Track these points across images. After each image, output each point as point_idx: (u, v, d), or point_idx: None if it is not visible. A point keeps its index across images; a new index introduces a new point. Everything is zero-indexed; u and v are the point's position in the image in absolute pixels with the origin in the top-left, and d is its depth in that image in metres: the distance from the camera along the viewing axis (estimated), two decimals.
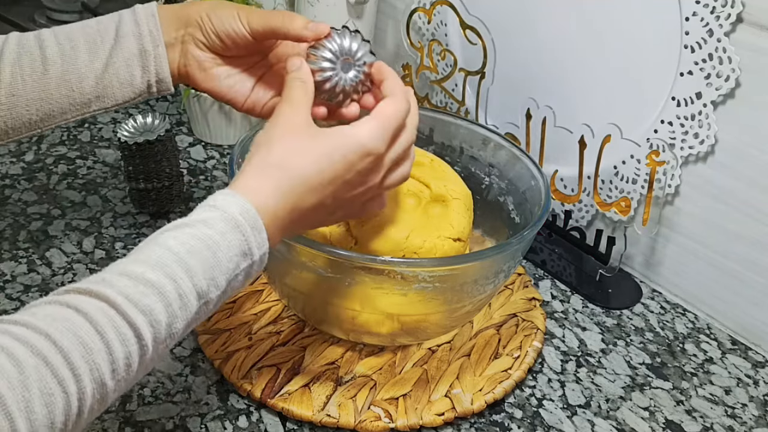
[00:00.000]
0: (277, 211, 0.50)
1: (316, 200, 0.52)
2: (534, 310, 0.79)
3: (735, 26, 0.71)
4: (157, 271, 0.44)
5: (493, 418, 0.68)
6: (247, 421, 0.65)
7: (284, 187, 0.50)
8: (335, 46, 0.57)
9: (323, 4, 1.02)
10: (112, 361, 0.41)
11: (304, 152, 0.51)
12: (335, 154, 0.51)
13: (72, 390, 0.40)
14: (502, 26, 0.89)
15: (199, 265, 0.46)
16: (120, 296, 0.42)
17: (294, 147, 0.51)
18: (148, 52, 0.60)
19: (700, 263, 0.82)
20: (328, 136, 0.52)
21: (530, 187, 0.74)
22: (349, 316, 0.67)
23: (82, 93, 0.60)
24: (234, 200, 0.48)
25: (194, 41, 0.61)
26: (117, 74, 0.60)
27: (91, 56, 0.60)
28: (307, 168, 0.51)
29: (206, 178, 0.97)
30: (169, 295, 0.44)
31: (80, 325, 0.41)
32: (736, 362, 0.78)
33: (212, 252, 0.46)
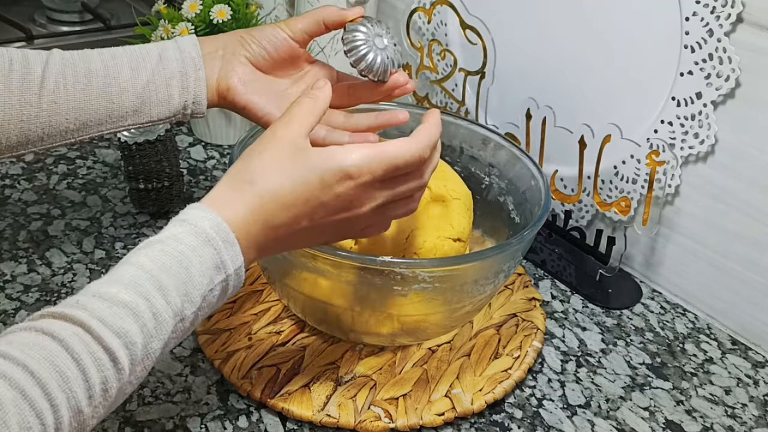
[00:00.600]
0: (249, 227, 0.49)
1: (288, 218, 0.50)
2: (534, 310, 0.79)
3: (735, 26, 0.71)
4: (130, 290, 0.44)
5: (493, 418, 0.68)
6: (247, 421, 0.65)
7: (254, 203, 0.50)
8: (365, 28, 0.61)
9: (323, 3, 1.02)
10: (88, 388, 0.41)
11: (280, 168, 0.50)
12: (311, 174, 0.50)
13: (49, 422, 0.39)
14: (502, 26, 0.89)
15: (171, 282, 0.45)
16: (94, 320, 0.42)
17: (271, 162, 0.50)
18: (188, 74, 0.63)
19: (700, 263, 0.82)
20: (309, 155, 0.51)
21: (530, 187, 0.74)
22: (349, 316, 0.67)
23: (120, 106, 0.62)
24: (205, 214, 0.48)
25: (237, 56, 0.64)
26: (157, 91, 0.63)
27: (134, 73, 0.62)
28: (278, 184, 0.50)
29: (206, 178, 0.97)
30: (143, 315, 0.44)
31: (56, 352, 0.41)
32: (736, 362, 0.78)
33: (184, 267, 0.46)
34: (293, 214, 0.51)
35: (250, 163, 0.51)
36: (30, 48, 0.65)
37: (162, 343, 0.45)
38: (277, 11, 1.14)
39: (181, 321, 0.46)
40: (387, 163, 0.52)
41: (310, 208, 0.51)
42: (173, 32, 0.95)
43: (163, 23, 0.96)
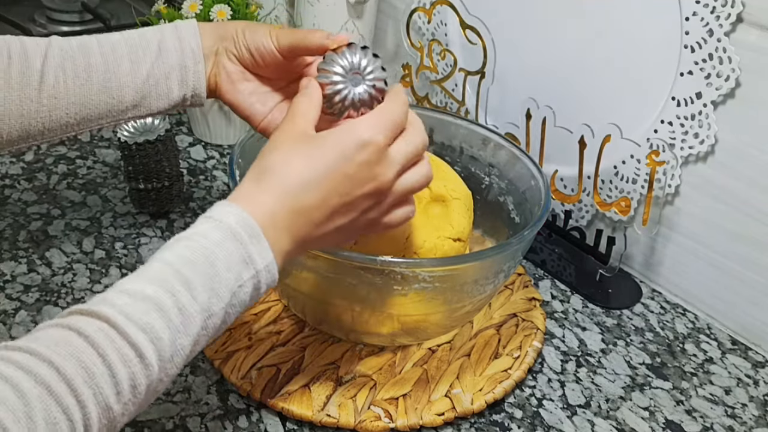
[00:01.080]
0: (275, 216, 0.49)
1: (316, 199, 0.50)
2: (534, 310, 0.79)
3: (735, 26, 0.71)
4: (154, 285, 0.44)
5: (493, 418, 0.68)
6: (247, 421, 0.65)
7: (278, 190, 0.50)
8: (346, 62, 0.57)
9: (323, 3, 1.02)
10: (115, 384, 0.41)
11: (297, 155, 0.51)
12: (329, 152, 0.51)
13: (77, 417, 0.39)
14: (502, 26, 0.89)
15: (197, 277, 0.45)
16: (120, 315, 0.42)
17: (287, 152, 0.51)
18: (188, 68, 0.62)
19: (700, 263, 0.82)
20: (322, 137, 0.52)
21: (530, 187, 0.74)
22: (349, 316, 0.67)
23: (121, 101, 0.62)
24: (230, 209, 0.48)
25: (227, 53, 0.63)
26: (156, 86, 0.62)
27: (134, 66, 0.62)
28: (300, 169, 0.50)
29: (206, 178, 0.97)
30: (168, 310, 0.44)
31: (82, 348, 0.41)
32: (736, 362, 0.78)
33: (210, 263, 0.46)
34: (321, 194, 0.50)
35: (267, 159, 0.51)
36: None
37: (191, 340, 0.45)
38: (277, 11, 1.14)
39: (210, 317, 0.46)
40: (390, 120, 0.53)
41: (337, 183, 0.51)
42: None
43: (162, 23, 0.96)
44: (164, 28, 0.63)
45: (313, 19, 1.04)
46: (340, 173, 0.51)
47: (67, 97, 0.61)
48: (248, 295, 0.48)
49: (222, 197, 0.93)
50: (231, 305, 0.47)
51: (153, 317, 0.43)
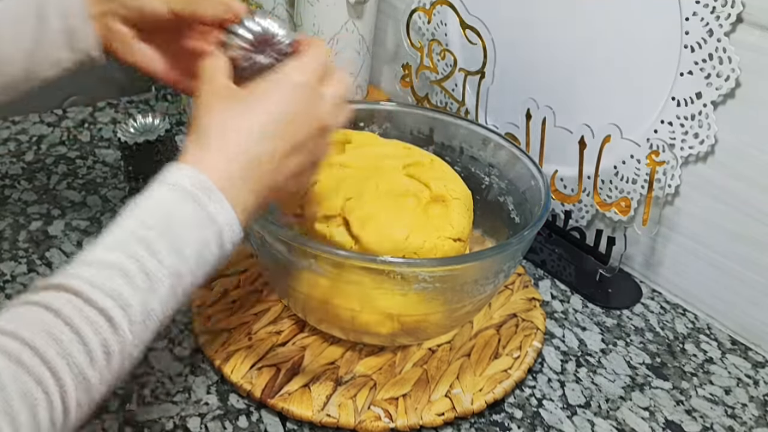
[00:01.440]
0: (230, 174, 0.49)
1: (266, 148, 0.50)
2: (534, 310, 0.79)
3: (735, 26, 0.71)
4: (116, 252, 0.44)
5: (493, 418, 0.68)
6: (247, 421, 0.65)
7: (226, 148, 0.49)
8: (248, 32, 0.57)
9: (323, 3, 1.02)
10: (88, 351, 0.41)
11: (235, 110, 0.51)
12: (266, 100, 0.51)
13: (52, 389, 0.39)
14: (502, 26, 0.89)
15: (158, 239, 0.45)
16: (85, 284, 0.42)
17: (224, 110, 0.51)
18: (75, 31, 0.61)
19: (700, 263, 0.82)
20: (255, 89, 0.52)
21: (530, 187, 0.74)
22: (349, 316, 0.67)
23: (11, 76, 0.61)
24: (183, 172, 0.48)
25: (116, 16, 0.62)
26: (45, 55, 0.61)
27: (17, 38, 0.60)
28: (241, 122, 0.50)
29: None
30: (134, 275, 0.44)
31: (50, 321, 0.41)
32: (736, 362, 0.78)
33: (169, 225, 0.46)
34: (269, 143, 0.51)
35: (204, 122, 0.51)
36: None
37: (160, 302, 0.45)
38: (277, 11, 1.14)
39: (178, 279, 0.46)
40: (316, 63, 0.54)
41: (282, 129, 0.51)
42: None
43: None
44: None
45: (313, 19, 1.04)
46: (282, 119, 0.51)
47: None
48: (214, 255, 0.48)
49: None
50: (197, 265, 0.47)
51: (118, 283, 0.43)
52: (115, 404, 0.65)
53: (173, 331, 0.73)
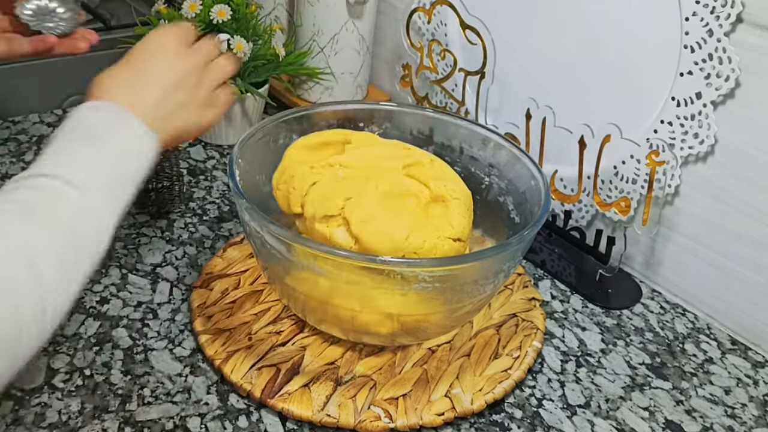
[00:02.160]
0: (116, 86, 0.57)
1: (148, 70, 0.59)
2: (534, 310, 0.79)
3: (735, 26, 0.71)
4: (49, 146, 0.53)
5: (493, 418, 0.68)
6: (247, 421, 0.65)
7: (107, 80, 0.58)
8: (33, 5, 0.70)
9: (323, 3, 1.02)
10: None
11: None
12: (139, 47, 0.61)
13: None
14: (502, 26, 0.89)
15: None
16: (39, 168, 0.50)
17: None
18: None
19: (700, 263, 0.82)
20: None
21: (530, 187, 0.74)
22: (349, 316, 0.67)
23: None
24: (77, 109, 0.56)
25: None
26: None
27: None
28: (120, 67, 0.59)
29: (206, 178, 0.97)
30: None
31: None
32: (735, 362, 0.78)
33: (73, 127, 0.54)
34: (150, 68, 0.60)
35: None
36: None
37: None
38: (277, 11, 1.14)
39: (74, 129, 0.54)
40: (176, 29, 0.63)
41: (157, 64, 0.60)
42: None
43: (162, 23, 0.96)
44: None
45: (313, 19, 1.04)
46: (157, 58, 0.60)
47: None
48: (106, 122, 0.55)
49: (222, 197, 0.93)
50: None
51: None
52: (115, 404, 0.65)
53: (173, 331, 0.73)
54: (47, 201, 0.48)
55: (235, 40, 0.95)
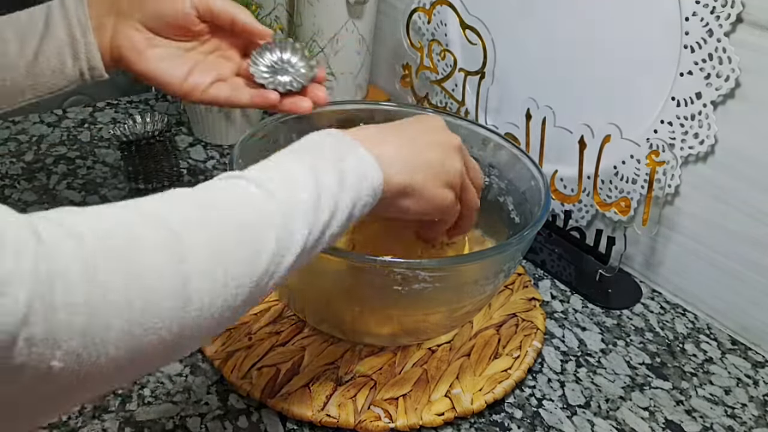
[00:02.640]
0: (368, 134, 0.53)
1: (405, 132, 0.55)
2: (534, 310, 0.79)
3: (735, 26, 0.71)
4: (267, 162, 0.49)
5: (493, 418, 0.68)
6: (247, 421, 0.65)
7: (366, 130, 0.54)
8: (274, 56, 0.65)
9: (323, 3, 1.02)
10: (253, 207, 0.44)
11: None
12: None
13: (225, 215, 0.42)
14: (502, 26, 0.89)
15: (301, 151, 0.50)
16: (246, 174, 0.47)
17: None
18: (77, 41, 0.61)
19: (700, 263, 0.82)
20: None
21: (530, 187, 0.74)
22: (349, 317, 0.67)
23: (13, 83, 0.60)
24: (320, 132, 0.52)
25: (129, 20, 0.62)
26: (48, 63, 0.61)
27: (21, 45, 0.60)
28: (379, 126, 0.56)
29: (206, 178, 0.97)
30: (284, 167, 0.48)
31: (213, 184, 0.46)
32: (736, 362, 0.78)
33: (312, 148, 0.50)
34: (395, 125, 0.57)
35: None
36: None
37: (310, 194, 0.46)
38: (277, 11, 1.14)
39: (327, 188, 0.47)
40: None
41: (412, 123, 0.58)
42: None
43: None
44: (51, 3, 0.61)
45: (313, 19, 1.04)
46: (416, 125, 0.57)
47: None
48: (357, 180, 0.49)
49: None
50: (343, 186, 0.48)
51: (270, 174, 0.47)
52: (115, 404, 0.65)
53: None
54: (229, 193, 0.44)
55: None
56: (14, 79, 0.60)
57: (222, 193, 0.43)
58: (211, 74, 0.64)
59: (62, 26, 0.60)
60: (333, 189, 0.47)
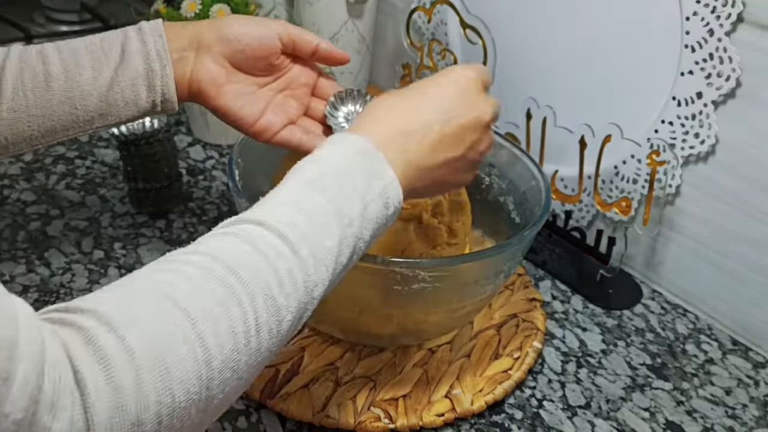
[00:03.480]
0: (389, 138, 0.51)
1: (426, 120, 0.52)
2: (534, 310, 0.79)
3: (735, 26, 0.71)
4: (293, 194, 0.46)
5: (493, 419, 0.68)
6: (247, 422, 0.65)
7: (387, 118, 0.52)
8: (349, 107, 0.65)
9: (323, 3, 1.02)
10: (275, 273, 0.42)
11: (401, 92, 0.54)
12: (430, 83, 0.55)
13: (245, 299, 0.40)
14: (502, 26, 0.89)
15: (330, 185, 0.46)
16: (267, 218, 0.44)
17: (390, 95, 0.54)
18: (155, 72, 0.59)
19: (700, 263, 0.82)
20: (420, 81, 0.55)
21: (530, 187, 0.74)
22: (349, 317, 0.67)
23: (85, 110, 0.59)
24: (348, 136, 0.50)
25: (210, 53, 0.61)
26: (122, 93, 0.59)
27: (96, 73, 0.59)
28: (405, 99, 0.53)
29: (205, 178, 0.97)
30: (308, 210, 0.45)
31: (238, 243, 0.42)
32: (736, 363, 0.77)
33: (340, 174, 0.47)
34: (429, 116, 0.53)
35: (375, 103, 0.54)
36: None
37: (336, 242, 0.45)
38: (277, 11, 1.14)
39: (349, 225, 0.46)
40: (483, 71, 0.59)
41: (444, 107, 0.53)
42: None
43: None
44: (128, 30, 0.60)
45: (313, 19, 1.04)
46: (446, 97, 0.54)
47: (28, 110, 0.58)
48: (379, 212, 0.49)
49: (221, 197, 0.93)
50: (365, 218, 0.47)
51: (297, 218, 0.44)
52: None
53: None
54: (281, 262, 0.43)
55: None
56: (86, 108, 0.59)
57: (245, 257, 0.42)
58: (283, 116, 0.64)
59: (140, 57, 0.59)
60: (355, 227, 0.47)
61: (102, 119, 0.60)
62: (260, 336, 0.41)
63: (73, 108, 0.59)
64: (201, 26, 0.62)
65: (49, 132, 0.59)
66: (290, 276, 0.43)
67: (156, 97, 0.60)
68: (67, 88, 0.58)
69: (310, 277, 0.44)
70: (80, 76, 0.58)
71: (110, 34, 0.60)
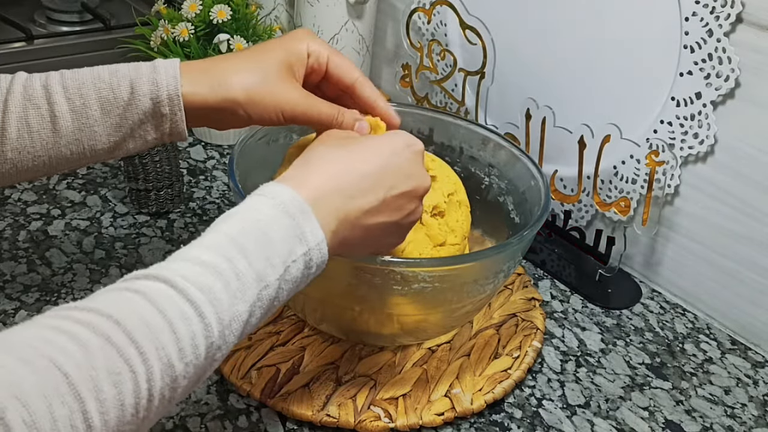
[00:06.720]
0: (324, 197, 0.50)
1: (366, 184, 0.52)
2: (534, 310, 0.79)
3: (735, 26, 0.71)
4: (211, 252, 0.44)
5: (493, 418, 0.68)
6: (247, 421, 0.65)
7: (326, 173, 0.51)
8: None
9: (323, 3, 1.02)
10: (176, 340, 0.41)
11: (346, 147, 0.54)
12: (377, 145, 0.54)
13: (139, 369, 0.39)
14: (502, 26, 0.89)
15: (252, 246, 0.45)
16: (178, 277, 0.42)
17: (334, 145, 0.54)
18: (165, 117, 0.58)
19: (699, 263, 0.82)
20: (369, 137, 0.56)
21: (530, 187, 0.74)
22: (349, 316, 0.67)
23: (93, 149, 0.59)
24: (280, 188, 0.49)
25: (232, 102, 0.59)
26: (131, 134, 0.59)
27: (104, 115, 0.57)
28: (348, 155, 0.53)
29: (206, 178, 0.97)
30: (225, 273, 0.44)
31: (142, 305, 0.41)
32: (735, 362, 0.78)
33: (263, 233, 0.46)
34: (370, 181, 0.52)
35: (314, 150, 0.54)
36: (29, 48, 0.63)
37: (247, 307, 0.45)
38: (277, 11, 1.14)
39: (265, 288, 0.46)
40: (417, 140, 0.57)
41: (386, 175, 0.53)
42: (173, 32, 0.95)
43: (163, 23, 0.96)
44: (140, 67, 0.58)
45: (313, 19, 1.04)
46: (390, 166, 0.53)
47: (34, 151, 0.57)
48: (300, 272, 0.48)
49: (222, 197, 0.93)
50: (284, 279, 0.47)
51: (211, 280, 0.43)
52: None
53: None
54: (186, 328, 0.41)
55: (235, 41, 0.95)
56: (94, 147, 0.59)
57: (146, 320, 0.40)
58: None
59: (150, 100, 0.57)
60: (272, 290, 0.46)
61: (110, 154, 0.60)
62: (151, 404, 0.40)
63: (81, 147, 0.58)
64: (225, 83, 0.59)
65: (54, 168, 0.60)
66: (192, 342, 0.41)
67: (164, 136, 0.60)
68: (74, 130, 0.57)
69: (214, 343, 0.43)
70: (88, 117, 0.57)
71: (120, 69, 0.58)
